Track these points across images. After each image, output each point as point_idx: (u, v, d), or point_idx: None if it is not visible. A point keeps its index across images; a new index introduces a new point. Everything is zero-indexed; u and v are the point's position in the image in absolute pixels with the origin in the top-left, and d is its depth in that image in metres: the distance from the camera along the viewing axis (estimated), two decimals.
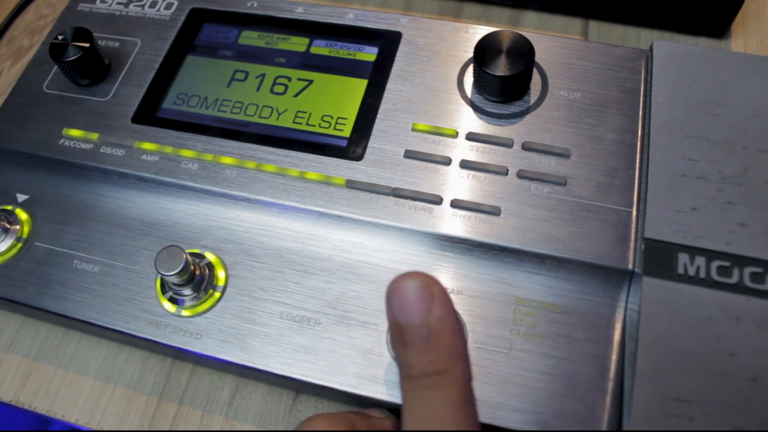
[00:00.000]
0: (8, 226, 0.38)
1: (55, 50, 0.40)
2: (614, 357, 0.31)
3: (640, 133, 0.36)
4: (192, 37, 0.43)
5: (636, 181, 0.34)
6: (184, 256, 0.33)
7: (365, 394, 0.32)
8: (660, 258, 0.32)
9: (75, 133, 0.40)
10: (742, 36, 0.46)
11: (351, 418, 0.30)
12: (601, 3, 0.46)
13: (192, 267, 0.34)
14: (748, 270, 0.31)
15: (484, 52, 0.36)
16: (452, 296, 0.33)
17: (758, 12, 0.46)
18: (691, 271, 0.31)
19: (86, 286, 0.36)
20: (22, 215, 0.39)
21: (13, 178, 0.40)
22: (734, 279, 0.31)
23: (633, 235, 0.33)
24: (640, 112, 0.36)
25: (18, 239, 0.38)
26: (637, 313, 0.31)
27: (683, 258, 0.32)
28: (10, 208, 0.39)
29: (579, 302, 0.33)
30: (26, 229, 0.38)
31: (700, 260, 0.31)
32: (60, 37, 0.41)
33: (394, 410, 0.32)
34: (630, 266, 0.32)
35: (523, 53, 0.35)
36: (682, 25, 0.46)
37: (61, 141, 0.40)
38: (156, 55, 0.42)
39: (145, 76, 0.42)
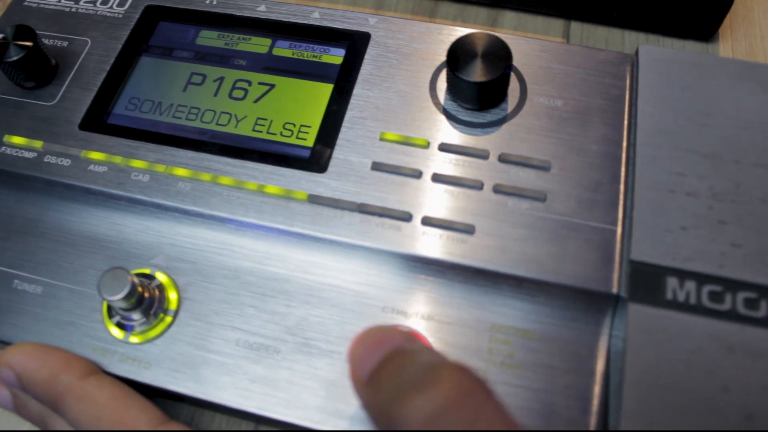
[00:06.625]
0: None
1: None
2: (597, 390, 0.29)
3: (625, 145, 0.33)
4: (147, 36, 0.40)
5: (621, 196, 0.32)
6: (130, 278, 0.30)
7: (327, 429, 0.29)
8: (647, 282, 0.29)
9: (17, 140, 0.37)
10: (730, 40, 0.44)
11: None
12: (583, 3, 0.44)
13: (140, 290, 0.31)
14: (741, 295, 0.29)
15: (458, 56, 0.33)
16: (423, 322, 0.31)
17: (747, 15, 0.44)
18: (681, 297, 0.29)
19: (26, 308, 0.33)
20: None
21: None
22: (727, 305, 0.29)
23: (617, 256, 0.30)
24: (625, 122, 0.34)
25: None
26: (622, 341, 0.29)
27: (672, 282, 0.29)
28: None
29: (559, 329, 0.30)
30: None
31: (691, 285, 0.29)
32: (0, 36, 0.37)
33: None
34: (614, 290, 0.30)
35: (499, 57, 0.33)
36: (668, 28, 0.44)
37: (2, 149, 0.37)
38: (107, 56, 0.39)
39: (95, 79, 0.38)
